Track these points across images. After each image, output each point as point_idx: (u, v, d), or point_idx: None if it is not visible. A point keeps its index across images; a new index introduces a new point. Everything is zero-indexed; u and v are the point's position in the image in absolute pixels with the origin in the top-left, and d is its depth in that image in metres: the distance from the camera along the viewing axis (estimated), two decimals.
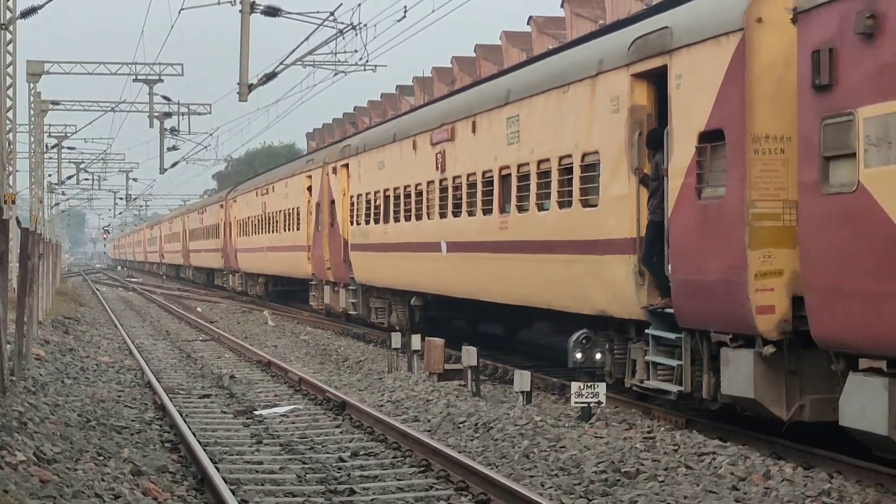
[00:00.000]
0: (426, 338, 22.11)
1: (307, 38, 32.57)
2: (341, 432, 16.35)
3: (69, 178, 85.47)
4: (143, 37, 48.53)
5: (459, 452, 13.56)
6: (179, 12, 35.33)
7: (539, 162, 18.81)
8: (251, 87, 30.81)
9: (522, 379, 17.74)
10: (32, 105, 57.90)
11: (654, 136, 15.34)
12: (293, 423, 17.38)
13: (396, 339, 24.15)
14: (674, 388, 14.78)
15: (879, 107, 10.80)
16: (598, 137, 16.67)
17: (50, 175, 77.28)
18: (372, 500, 11.90)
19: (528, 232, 19.37)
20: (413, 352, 23.02)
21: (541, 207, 18.90)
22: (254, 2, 29.87)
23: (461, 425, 16.17)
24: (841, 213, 11.34)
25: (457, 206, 23.02)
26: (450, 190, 23.38)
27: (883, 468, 12.04)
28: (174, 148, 59.78)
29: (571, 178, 17.56)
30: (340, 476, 13.12)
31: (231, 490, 11.82)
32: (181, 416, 16.99)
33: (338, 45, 34.62)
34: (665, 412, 16.24)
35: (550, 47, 36.58)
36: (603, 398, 16.02)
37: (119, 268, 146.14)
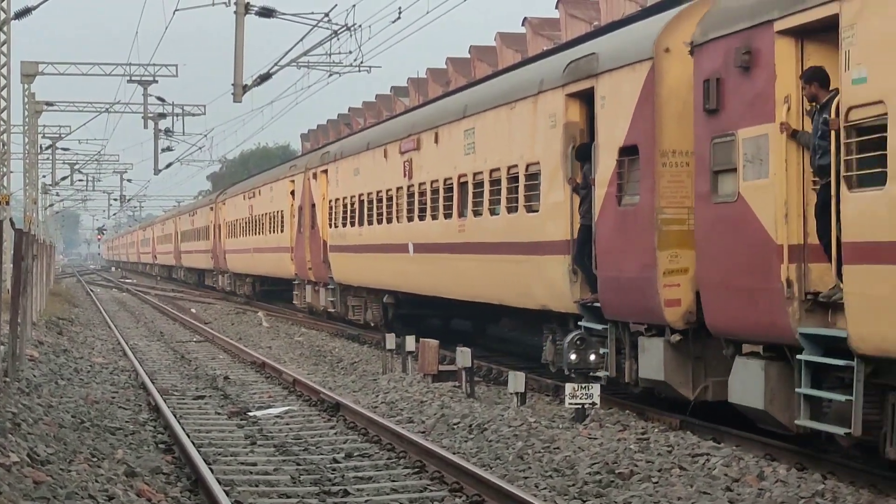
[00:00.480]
0: (421, 339, 22.12)
1: (302, 39, 32.61)
2: (335, 433, 16.35)
3: (63, 178, 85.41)
4: (138, 38, 48.61)
5: (454, 454, 13.57)
6: (174, 13, 35.28)
7: (491, 171, 20.75)
8: (246, 88, 30.82)
9: (517, 380, 17.75)
10: (27, 106, 57.81)
11: (583, 150, 17.24)
12: (287, 424, 17.38)
13: (391, 341, 24.16)
14: (602, 374, 16.68)
15: (753, 129, 12.73)
16: (540, 150, 18.60)
17: (44, 176, 77.15)
18: (366, 501, 11.90)
19: (482, 234, 21.28)
20: (407, 353, 23.02)
21: (493, 212, 20.78)
22: (248, 3, 29.86)
23: (455, 426, 16.17)
24: (726, 220, 13.28)
25: (422, 210, 24.89)
26: (416, 195, 25.28)
27: (876, 470, 12.06)
28: (168, 149, 59.76)
29: (518, 186, 19.52)
30: (334, 477, 13.12)
31: (225, 491, 11.82)
32: (175, 417, 16.98)
33: (332, 46, 34.64)
34: (659, 413, 16.26)
35: (545, 48, 36.59)
36: (597, 399, 16.05)
37: (113, 269, 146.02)
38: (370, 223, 29.24)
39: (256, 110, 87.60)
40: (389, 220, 27.56)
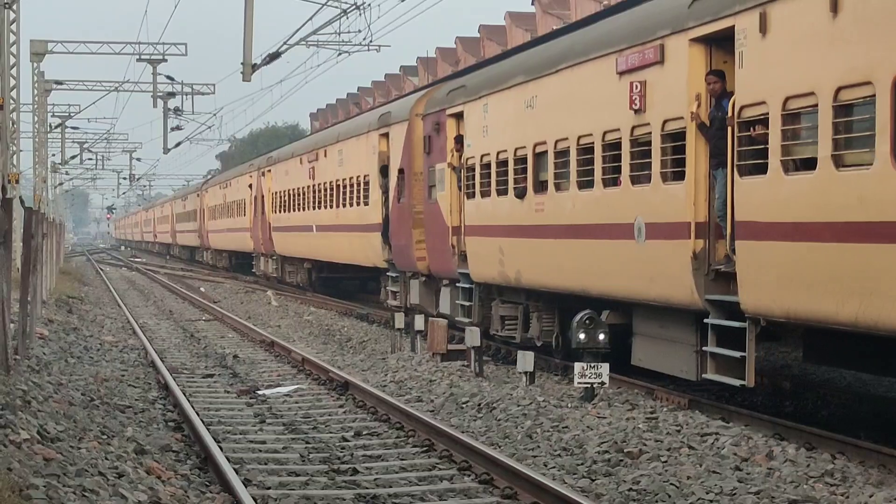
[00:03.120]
0: (429, 318, 22.15)
1: (311, 18, 32.54)
2: (344, 412, 16.37)
3: (73, 157, 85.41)
4: (147, 17, 48.48)
5: (462, 433, 13.58)
6: None
7: (350, 178, 32.72)
8: (255, 67, 30.77)
9: (526, 360, 17.76)
10: (36, 85, 57.82)
11: (384, 169, 28.79)
12: (296, 402, 17.40)
13: (400, 320, 24.19)
14: (403, 308, 27.27)
15: (440, 164, 24.27)
16: (368, 168, 30.67)
17: (53, 155, 77.10)
18: (375, 479, 11.92)
19: (346, 219, 33.32)
20: (416, 332, 23.04)
21: (348, 206, 33.00)
22: None
23: (464, 406, 16.19)
24: (432, 213, 24.92)
25: (321, 202, 36.74)
26: (317, 192, 37.28)
27: (885, 448, 12.06)
28: (178, 128, 59.69)
29: (358, 190, 31.72)
30: (343, 456, 13.14)
31: (234, 469, 11.84)
32: (184, 395, 17.02)
33: (342, 25, 34.62)
34: (668, 392, 16.26)
35: (555, 28, 36.51)
36: (606, 379, 16.05)
37: (122, 247, 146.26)
38: (294, 210, 41.25)
39: (266, 89, 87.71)
40: (303, 209, 39.53)
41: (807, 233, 12.28)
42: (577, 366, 16.13)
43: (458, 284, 23.45)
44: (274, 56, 32.14)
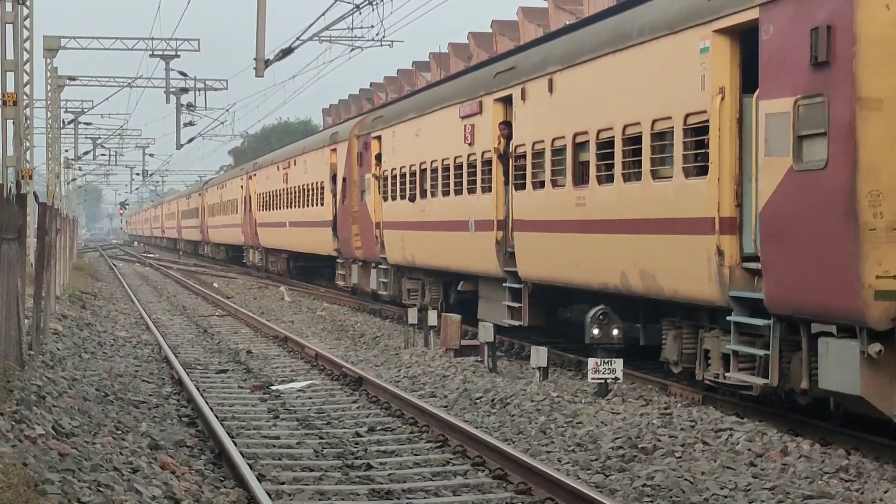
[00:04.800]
0: (442, 314, 22.16)
1: (324, 14, 32.54)
2: (358, 408, 16.38)
3: (86, 153, 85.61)
4: (160, 12, 48.56)
5: (476, 428, 13.58)
6: None
7: (312, 184, 39.95)
8: (267, 63, 30.77)
9: (539, 355, 17.75)
10: (49, 80, 57.88)
11: (334, 177, 35.67)
12: (310, 398, 17.42)
13: (413, 315, 24.20)
14: (343, 285, 36.63)
15: (367, 175, 31.07)
16: (323, 176, 37.92)
17: (66, 150, 77.27)
18: (389, 474, 11.92)
19: (309, 217, 40.40)
20: (430, 328, 23.04)
21: (310, 206, 39.93)
22: None
23: (478, 401, 16.18)
24: (362, 212, 31.78)
25: (292, 203, 44.12)
26: (289, 194, 44.53)
27: None
28: (190, 123, 59.77)
29: (318, 193, 38.68)
30: (357, 451, 13.15)
31: (249, 464, 11.86)
32: (198, 391, 17.04)
33: (354, 20, 34.71)
34: (682, 388, 16.24)
35: (567, 23, 36.48)
36: (620, 374, 16.05)
37: (135, 243, 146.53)
38: (273, 209, 49.00)
39: (278, 85, 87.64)
40: (279, 208, 47.33)
41: (541, 227, 19.61)
42: (591, 361, 16.13)
43: (380, 266, 30.52)
44: (287, 52, 32.14)
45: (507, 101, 21.25)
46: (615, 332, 16.41)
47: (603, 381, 16.08)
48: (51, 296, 23.88)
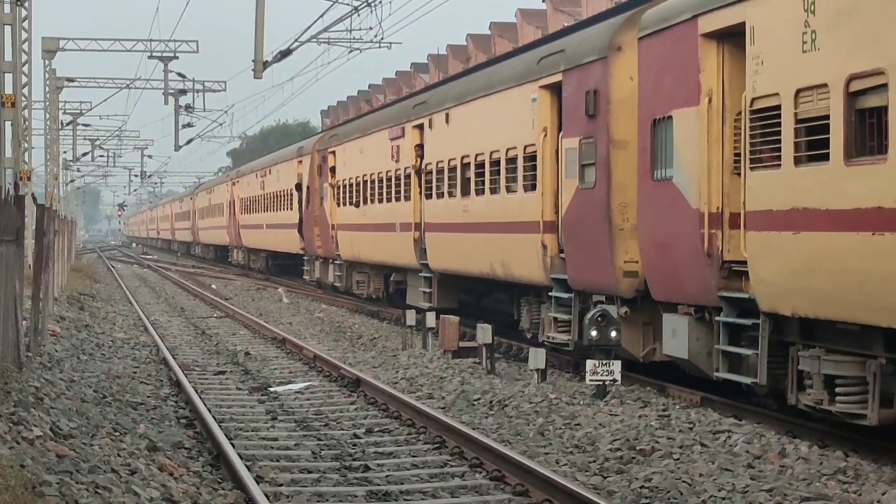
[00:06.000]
0: (441, 315, 22.16)
1: (322, 15, 32.56)
2: (356, 409, 16.38)
3: (84, 154, 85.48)
4: (159, 14, 48.49)
5: (474, 429, 13.58)
6: None
7: (283, 191, 45.67)
8: (266, 65, 30.78)
9: (537, 357, 17.75)
10: (48, 82, 57.85)
11: (299, 186, 41.27)
12: (308, 399, 17.42)
13: (411, 317, 24.21)
14: (314, 281, 42.07)
15: (325, 184, 36.86)
16: (291, 184, 43.29)
17: (65, 152, 77.11)
18: (386, 476, 11.92)
19: (280, 220, 46.13)
20: (428, 329, 23.04)
21: (281, 210, 45.78)
22: None
23: (476, 403, 16.18)
24: (322, 215, 37.32)
25: (267, 207, 49.72)
26: (265, 199, 50.48)
27: None
28: (189, 125, 59.73)
29: (287, 199, 44.05)
30: (355, 452, 13.15)
31: (246, 466, 11.86)
32: (196, 392, 17.04)
33: (353, 22, 34.69)
34: (680, 390, 16.25)
35: (566, 25, 36.51)
36: (618, 376, 16.06)
37: (134, 244, 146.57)
38: (253, 212, 54.61)
39: (277, 86, 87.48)
40: (258, 211, 52.92)
41: (442, 228, 24.96)
42: (589, 363, 16.15)
43: (336, 262, 36.26)
44: (285, 53, 32.14)
45: (420, 128, 26.55)
46: (613, 333, 16.43)
47: (601, 383, 16.09)
48: (49, 297, 23.87)
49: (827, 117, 11.75)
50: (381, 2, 32.01)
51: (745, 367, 13.83)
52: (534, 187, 19.52)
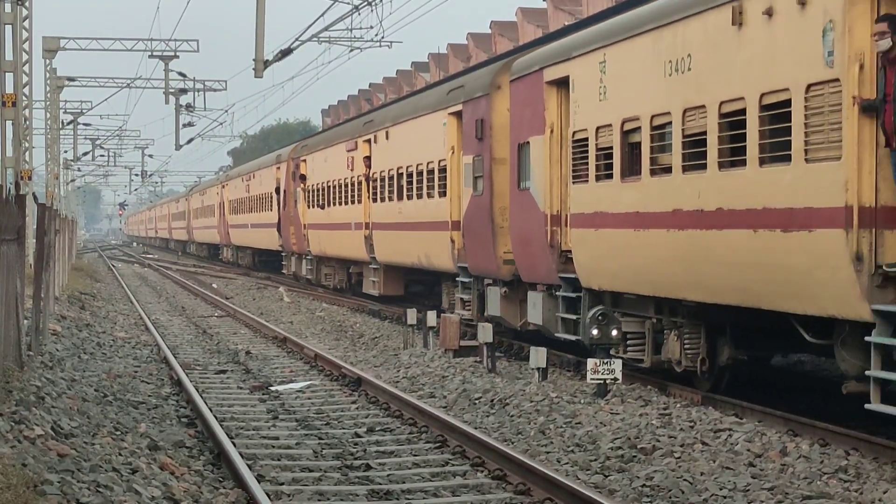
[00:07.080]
0: (442, 314, 22.18)
1: (323, 14, 32.55)
2: (357, 408, 16.38)
3: (85, 154, 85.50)
4: (159, 13, 48.48)
5: (475, 428, 13.58)
6: None
7: (265, 194, 49.69)
8: (267, 64, 30.77)
9: (538, 355, 17.75)
10: (48, 81, 57.85)
11: (278, 189, 46.01)
12: (309, 398, 17.42)
13: (412, 316, 24.21)
14: (291, 275, 46.52)
15: (298, 188, 41.65)
16: (271, 187, 48.01)
17: (66, 151, 77.15)
18: (388, 475, 11.92)
19: (262, 219, 50.25)
20: (429, 328, 23.04)
21: (263, 211, 50.50)
22: None
23: (477, 401, 16.18)
24: (296, 216, 42.09)
25: (252, 208, 53.88)
26: (250, 201, 54.41)
27: None
28: (190, 124, 59.76)
29: (267, 201, 48.99)
30: (356, 452, 13.15)
31: (248, 465, 11.86)
32: (197, 391, 17.04)
33: (353, 21, 34.70)
34: (681, 389, 16.25)
35: (566, 24, 36.50)
36: (619, 375, 16.05)
37: (134, 244, 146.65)
38: (240, 213, 58.17)
39: (277, 86, 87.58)
40: (244, 212, 56.56)
41: (385, 227, 29.57)
42: (590, 362, 16.15)
43: (307, 257, 41.25)
44: (286, 52, 32.14)
45: (369, 142, 31.43)
46: (614, 332, 16.44)
47: (602, 382, 16.08)
48: (50, 296, 23.88)
49: (611, 147, 16.32)
50: (381, 1, 31.95)
51: (580, 330, 17.85)
52: (444, 194, 24.56)
